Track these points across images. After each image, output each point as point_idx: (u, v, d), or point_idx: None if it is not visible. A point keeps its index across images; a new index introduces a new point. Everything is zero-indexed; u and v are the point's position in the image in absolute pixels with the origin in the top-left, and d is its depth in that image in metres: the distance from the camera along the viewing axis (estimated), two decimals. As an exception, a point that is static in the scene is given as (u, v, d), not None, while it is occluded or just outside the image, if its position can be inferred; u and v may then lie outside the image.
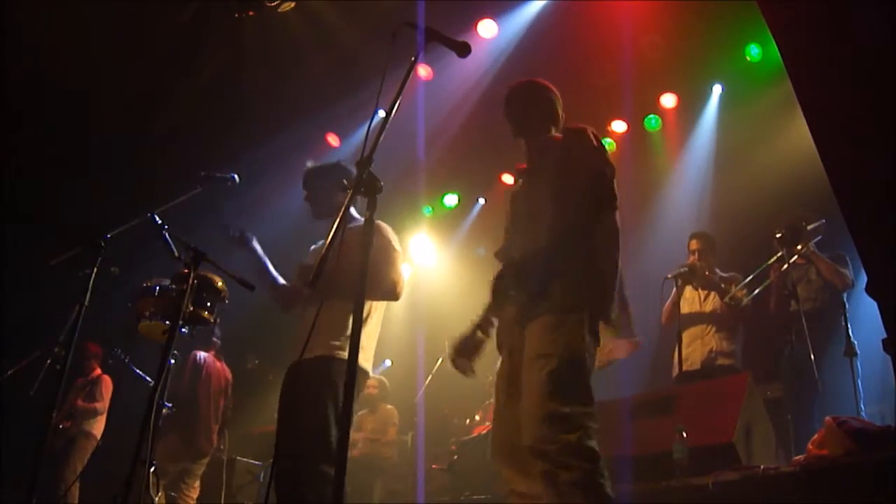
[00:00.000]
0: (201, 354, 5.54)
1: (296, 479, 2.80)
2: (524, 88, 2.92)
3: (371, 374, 3.25)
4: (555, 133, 2.87)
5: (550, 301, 2.44)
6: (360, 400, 6.08)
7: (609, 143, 7.16)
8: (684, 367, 4.77)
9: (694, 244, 5.09)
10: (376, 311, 3.22)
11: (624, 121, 7.04)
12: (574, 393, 2.30)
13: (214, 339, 5.67)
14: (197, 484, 5.35)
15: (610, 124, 7.01)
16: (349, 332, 2.98)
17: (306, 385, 2.95)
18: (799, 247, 4.56)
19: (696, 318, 4.94)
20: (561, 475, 2.16)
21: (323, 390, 2.92)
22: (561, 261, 2.50)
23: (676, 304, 4.97)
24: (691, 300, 5.02)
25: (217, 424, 5.49)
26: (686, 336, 4.89)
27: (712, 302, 4.93)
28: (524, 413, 2.33)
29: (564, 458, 2.18)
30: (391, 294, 3.11)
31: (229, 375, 5.73)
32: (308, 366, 2.93)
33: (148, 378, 5.79)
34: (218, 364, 5.67)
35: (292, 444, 2.87)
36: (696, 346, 4.83)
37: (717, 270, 5.03)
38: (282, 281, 3.35)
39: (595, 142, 2.66)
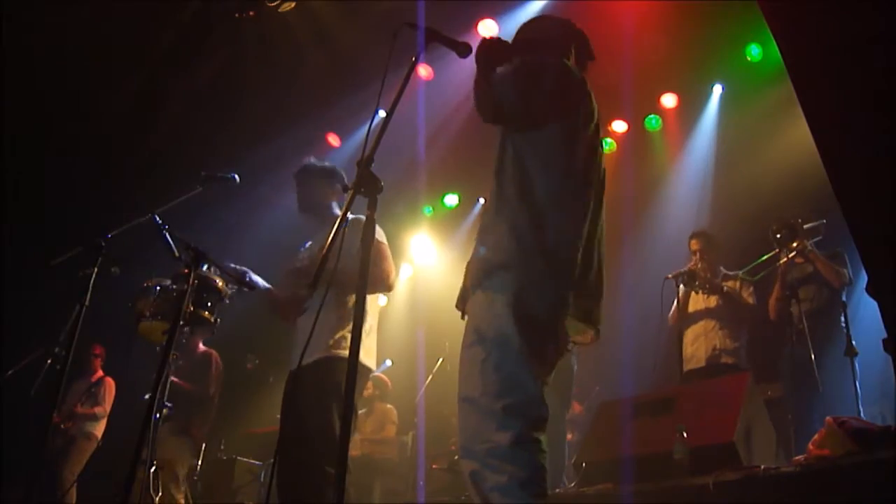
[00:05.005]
0: (215, 352, 5.49)
1: (299, 481, 2.80)
2: None
3: (375, 370, 3.26)
4: None
5: (480, 274, 2.18)
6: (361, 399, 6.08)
7: (609, 143, 7.18)
8: (689, 366, 4.78)
9: (694, 244, 5.02)
10: (369, 305, 3.22)
11: (624, 121, 7.05)
12: (509, 385, 1.95)
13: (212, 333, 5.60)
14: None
15: (610, 124, 7.02)
16: (345, 329, 3.03)
17: (308, 389, 2.96)
18: (795, 244, 4.53)
19: (701, 316, 4.93)
20: (488, 478, 1.88)
21: (326, 392, 2.93)
22: (492, 225, 2.25)
23: (683, 308, 4.96)
24: (695, 298, 5.01)
25: None
26: (690, 333, 4.89)
27: (716, 300, 4.92)
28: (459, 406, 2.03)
29: (492, 460, 1.89)
30: (384, 285, 3.17)
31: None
32: (308, 370, 2.95)
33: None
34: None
35: (296, 446, 2.87)
36: (700, 344, 4.82)
37: (722, 269, 5.01)
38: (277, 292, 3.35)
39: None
